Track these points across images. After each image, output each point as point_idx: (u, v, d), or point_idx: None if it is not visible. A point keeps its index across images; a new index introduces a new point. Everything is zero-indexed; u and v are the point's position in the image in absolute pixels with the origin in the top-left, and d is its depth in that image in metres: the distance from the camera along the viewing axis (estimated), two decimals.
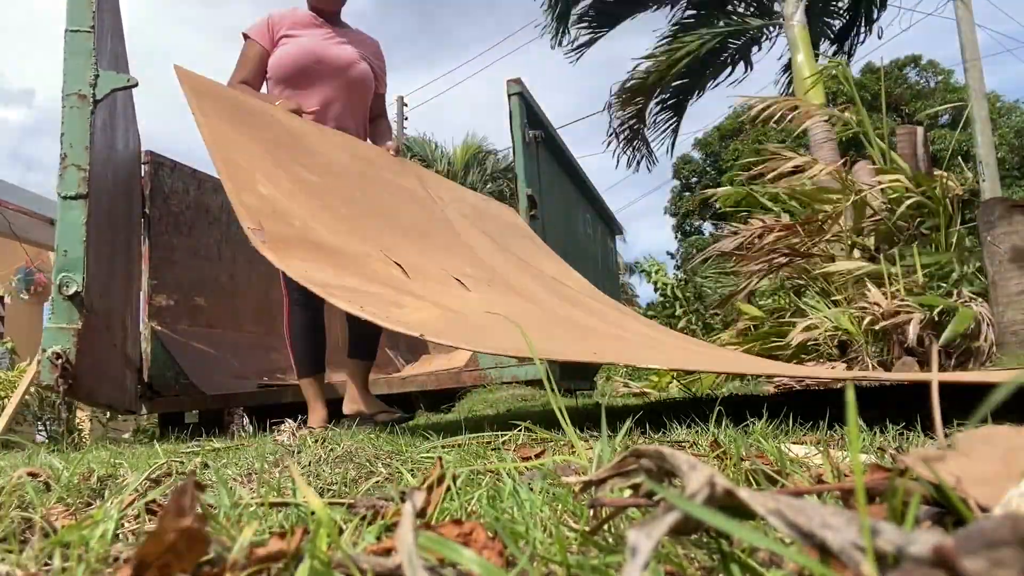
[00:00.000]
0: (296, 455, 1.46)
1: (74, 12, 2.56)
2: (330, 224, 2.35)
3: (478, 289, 2.56)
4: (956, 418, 1.07)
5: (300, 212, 2.27)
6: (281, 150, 2.53)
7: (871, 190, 4.62)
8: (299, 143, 2.66)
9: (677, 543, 0.55)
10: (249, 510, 0.79)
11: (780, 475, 0.88)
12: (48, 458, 1.65)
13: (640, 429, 1.51)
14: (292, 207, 2.26)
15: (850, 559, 0.34)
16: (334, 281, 2.00)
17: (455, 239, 3.07)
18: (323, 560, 0.51)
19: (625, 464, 0.54)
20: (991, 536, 0.32)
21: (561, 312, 2.72)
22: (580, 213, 7.08)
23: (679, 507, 0.39)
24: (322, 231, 2.26)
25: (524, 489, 0.78)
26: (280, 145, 2.55)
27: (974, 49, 12.44)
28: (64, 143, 2.50)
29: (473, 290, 2.52)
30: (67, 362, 2.39)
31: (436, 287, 2.37)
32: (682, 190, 25.28)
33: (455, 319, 2.09)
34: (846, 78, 5.59)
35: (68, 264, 2.43)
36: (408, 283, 2.27)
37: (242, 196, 2.10)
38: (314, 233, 2.22)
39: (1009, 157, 20.14)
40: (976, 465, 0.51)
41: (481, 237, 3.30)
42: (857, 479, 0.39)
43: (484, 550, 0.54)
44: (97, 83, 2.56)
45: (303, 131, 2.74)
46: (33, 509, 0.92)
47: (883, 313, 4.07)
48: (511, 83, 5.07)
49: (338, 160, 2.77)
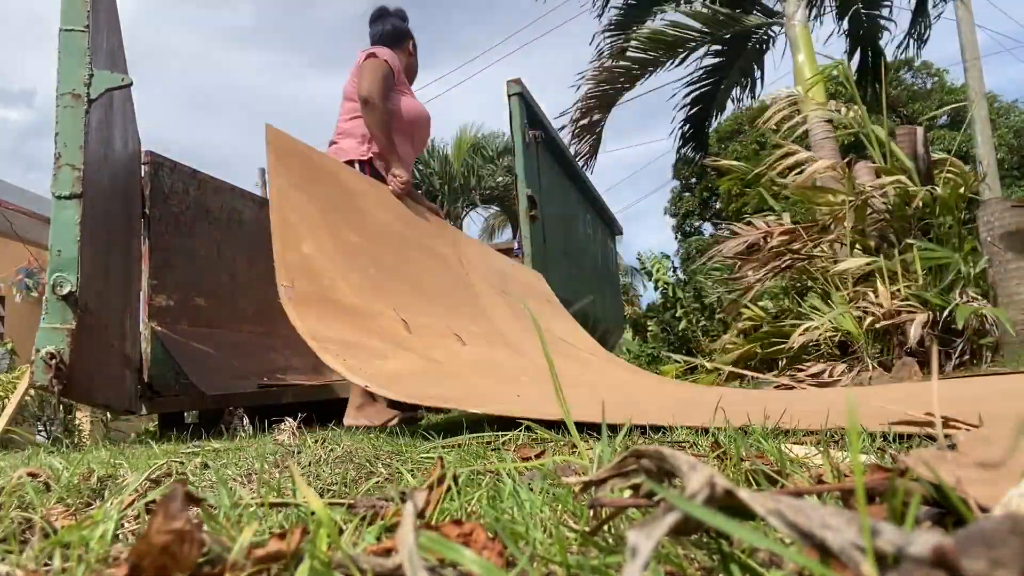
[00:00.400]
0: (296, 455, 1.46)
1: (69, 11, 2.55)
2: (356, 284, 2.59)
3: (475, 343, 2.84)
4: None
5: (332, 272, 2.50)
6: (334, 211, 2.77)
7: (873, 190, 4.62)
8: (353, 203, 2.93)
9: (677, 543, 0.55)
10: (249, 510, 0.79)
11: (780, 475, 0.88)
12: (48, 458, 1.66)
13: (640, 429, 1.51)
14: (326, 266, 2.49)
15: (850, 559, 0.34)
16: (336, 336, 2.20)
17: (472, 300, 3.40)
18: (323, 560, 0.51)
19: (625, 464, 0.54)
20: (991, 536, 0.32)
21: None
22: (580, 213, 7.08)
23: (679, 507, 0.39)
24: (346, 290, 2.50)
25: (524, 489, 0.78)
26: (335, 207, 2.79)
27: (974, 49, 12.45)
28: (58, 142, 2.49)
29: (469, 344, 2.80)
30: (61, 362, 2.38)
31: (433, 340, 2.64)
32: (682, 191, 25.28)
33: (429, 367, 2.38)
34: (846, 78, 5.59)
35: (62, 264, 2.42)
36: (408, 338, 2.52)
37: (285, 255, 2.33)
38: (338, 292, 2.46)
39: (1008, 157, 20.15)
40: (976, 466, 0.51)
41: (497, 299, 3.65)
42: (857, 479, 0.39)
43: (484, 550, 0.54)
44: (92, 82, 2.55)
45: (360, 191, 3.04)
46: (33, 509, 0.92)
47: (884, 313, 4.07)
48: (511, 83, 5.07)
49: (383, 221, 3.07)
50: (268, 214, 2.36)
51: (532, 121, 5.29)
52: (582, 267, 6.76)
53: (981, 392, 1.95)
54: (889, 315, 4.06)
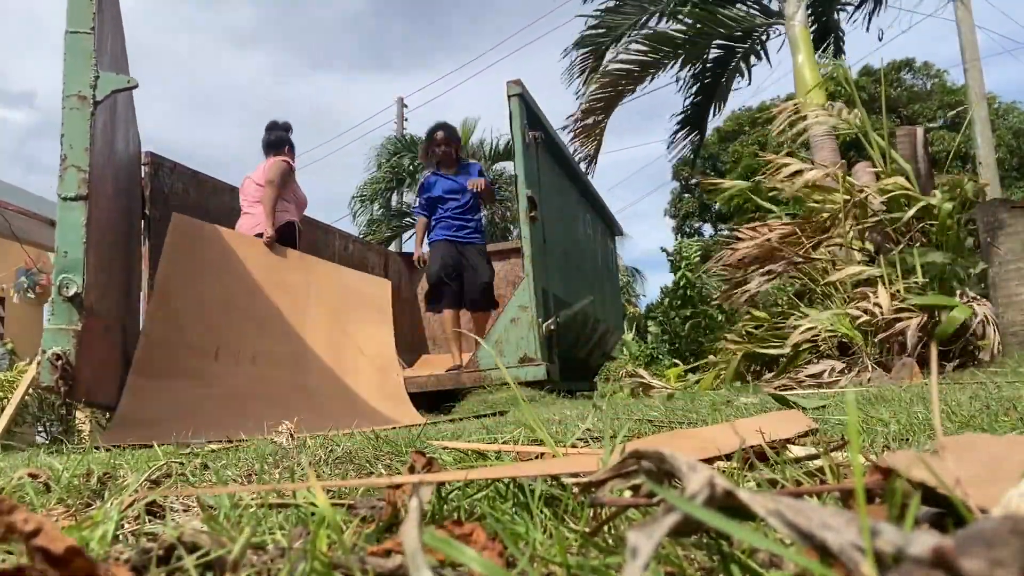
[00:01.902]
0: (296, 455, 1.46)
1: (74, 13, 2.56)
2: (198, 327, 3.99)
3: (256, 365, 4.15)
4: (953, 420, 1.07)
5: (185, 319, 3.89)
6: (204, 275, 4.07)
7: (871, 193, 4.62)
8: (227, 260, 4.30)
9: (677, 544, 0.55)
10: (249, 511, 0.79)
11: (780, 476, 0.88)
12: (48, 459, 1.65)
13: (640, 429, 1.51)
14: (184, 318, 3.88)
15: (850, 560, 0.34)
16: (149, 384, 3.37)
17: (294, 321, 4.58)
18: (323, 560, 0.51)
19: (625, 465, 0.54)
20: (991, 536, 0.32)
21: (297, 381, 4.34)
22: (580, 213, 7.09)
23: (679, 508, 0.39)
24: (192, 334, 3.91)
25: (524, 489, 0.78)
26: (208, 269, 4.14)
27: (974, 50, 12.46)
28: (64, 144, 2.50)
29: (257, 366, 4.16)
30: (67, 363, 2.38)
31: (229, 369, 3.97)
32: (682, 192, 25.28)
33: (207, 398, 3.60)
34: (846, 79, 5.60)
35: (68, 265, 2.43)
36: (209, 367, 3.86)
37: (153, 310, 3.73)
38: (187, 334, 3.87)
39: (1008, 158, 20.15)
40: (961, 469, 0.51)
41: (318, 315, 4.86)
42: (857, 479, 0.39)
43: (484, 550, 0.54)
44: (97, 84, 2.55)
45: (237, 248, 4.45)
46: (33, 510, 0.92)
47: (883, 315, 4.07)
48: (511, 84, 5.07)
49: (245, 268, 4.41)
50: None
51: (532, 122, 5.29)
52: (582, 267, 6.76)
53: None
54: (888, 317, 4.06)
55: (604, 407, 2.29)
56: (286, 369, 4.32)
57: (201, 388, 3.62)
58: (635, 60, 8.87)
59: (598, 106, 9.25)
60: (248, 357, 4.11)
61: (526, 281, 4.87)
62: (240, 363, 4.04)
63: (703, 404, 2.37)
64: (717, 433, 0.98)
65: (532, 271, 4.82)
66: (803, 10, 8.17)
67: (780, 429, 1.06)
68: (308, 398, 4.11)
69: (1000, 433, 1.04)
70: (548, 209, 5.45)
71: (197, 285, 3.98)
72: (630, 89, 9.13)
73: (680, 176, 24.60)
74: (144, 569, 0.56)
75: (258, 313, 4.34)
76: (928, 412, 1.45)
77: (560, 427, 1.77)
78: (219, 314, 4.05)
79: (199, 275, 4.01)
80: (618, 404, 2.75)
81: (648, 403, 2.82)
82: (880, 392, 2.34)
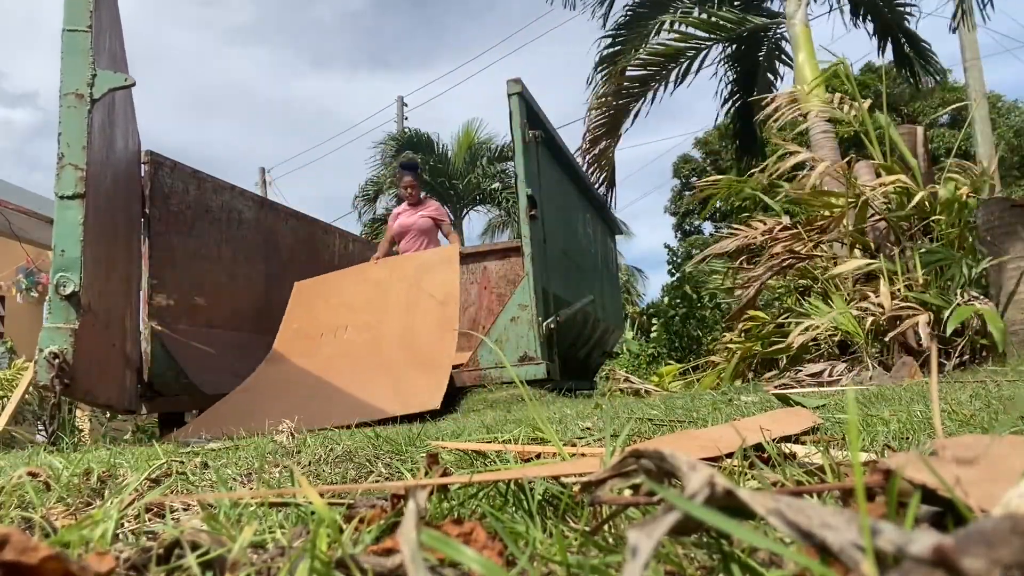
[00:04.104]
0: (296, 455, 1.46)
1: (71, 11, 2.55)
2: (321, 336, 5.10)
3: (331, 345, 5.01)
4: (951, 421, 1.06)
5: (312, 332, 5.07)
6: (319, 315, 5.20)
7: (873, 191, 4.62)
8: (338, 289, 5.34)
9: (677, 543, 0.55)
10: (249, 510, 0.79)
11: (781, 475, 0.88)
12: (48, 458, 1.65)
13: (640, 429, 1.51)
14: (311, 333, 5.11)
15: (850, 559, 0.34)
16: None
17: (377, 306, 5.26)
18: (323, 560, 0.51)
19: (625, 464, 0.53)
20: (991, 536, 0.32)
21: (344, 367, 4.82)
22: (580, 213, 7.08)
23: (679, 507, 0.39)
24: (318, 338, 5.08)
25: (524, 489, 0.78)
26: (322, 310, 5.25)
27: (974, 49, 12.45)
28: (61, 143, 2.49)
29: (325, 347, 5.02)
30: (64, 362, 2.38)
31: (324, 346, 4.99)
32: (682, 189, 25.25)
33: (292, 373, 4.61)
34: (847, 76, 5.58)
35: (65, 264, 2.42)
36: (320, 346, 5.00)
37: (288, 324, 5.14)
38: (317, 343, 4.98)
39: (1008, 156, 20.11)
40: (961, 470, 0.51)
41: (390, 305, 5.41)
42: (857, 479, 0.39)
43: (484, 550, 0.54)
44: (95, 83, 2.55)
45: (342, 277, 5.52)
46: (33, 509, 0.92)
47: (885, 313, 4.07)
48: (511, 83, 5.06)
49: (353, 291, 5.33)
50: (267, 214, 2.47)
51: (532, 121, 5.28)
52: (582, 266, 6.75)
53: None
54: (889, 315, 4.06)
55: (605, 406, 2.29)
56: (365, 347, 4.95)
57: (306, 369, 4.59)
58: (637, 76, 9.11)
59: (602, 132, 9.48)
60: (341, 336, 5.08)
61: (526, 280, 4.86)
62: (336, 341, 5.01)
63: (703, 403, 2.37)
64: (723, 433, 0.99)
65: (532, 270, 4.82)
66: (803, 9, 8.17)
67: (786, 426, 1.06)
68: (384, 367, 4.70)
69: (1000, 432, 1.04)
70: (548, 208, 5.45)
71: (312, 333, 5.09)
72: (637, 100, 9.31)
73: (680, 174, 24.57)
74: (144, 568, 0.56)
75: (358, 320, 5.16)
76: (929, 410, 1.45)
77: (560, 426, 1.77)
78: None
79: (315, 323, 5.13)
80: (618, 403, 2.75)
81: (648, 402, 2.82)
82: (880, 391, 2.34)
